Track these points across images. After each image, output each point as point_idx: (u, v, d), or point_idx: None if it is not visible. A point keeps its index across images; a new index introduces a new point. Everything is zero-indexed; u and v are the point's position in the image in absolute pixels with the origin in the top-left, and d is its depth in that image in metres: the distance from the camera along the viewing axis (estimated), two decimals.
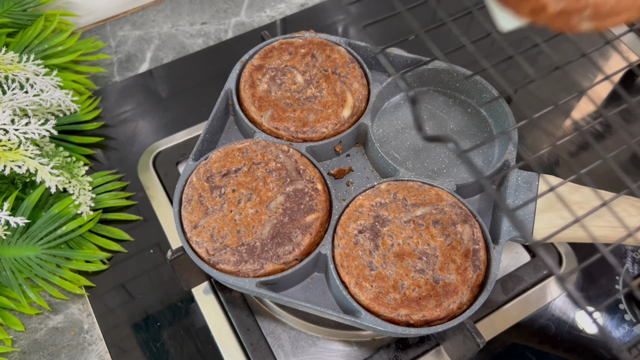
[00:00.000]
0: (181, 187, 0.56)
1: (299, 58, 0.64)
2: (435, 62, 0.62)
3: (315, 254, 0.52)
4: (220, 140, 0.63)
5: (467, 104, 0.63)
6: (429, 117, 0.63)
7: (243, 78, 0.63)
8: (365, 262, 0.51)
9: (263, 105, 0.61)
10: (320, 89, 0.61)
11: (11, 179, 0.67)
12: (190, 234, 0.53)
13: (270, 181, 0.55)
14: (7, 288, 0.63)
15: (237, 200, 0.54)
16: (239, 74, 0.64)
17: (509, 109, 0.59)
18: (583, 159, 0.75)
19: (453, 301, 0.49)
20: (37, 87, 0.64)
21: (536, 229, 0.53)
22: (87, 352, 0.62)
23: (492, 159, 0.59)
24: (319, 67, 0.63)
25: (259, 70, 0.63)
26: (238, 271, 0.52)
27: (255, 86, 0.62)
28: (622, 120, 0.79)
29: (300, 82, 0.62)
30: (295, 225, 0.53)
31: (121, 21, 0.88)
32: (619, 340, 0.62)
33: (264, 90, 0.62)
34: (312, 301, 0.53)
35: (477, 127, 0.62)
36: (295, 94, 0.61)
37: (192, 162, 0.57)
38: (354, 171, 0.61)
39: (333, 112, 0.60)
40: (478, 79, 0.61)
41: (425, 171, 0.59)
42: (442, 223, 0.53)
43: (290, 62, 0.63)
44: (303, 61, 0.63)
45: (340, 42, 0.65)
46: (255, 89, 0.62)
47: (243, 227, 0.53)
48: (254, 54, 0.65)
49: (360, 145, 0.62)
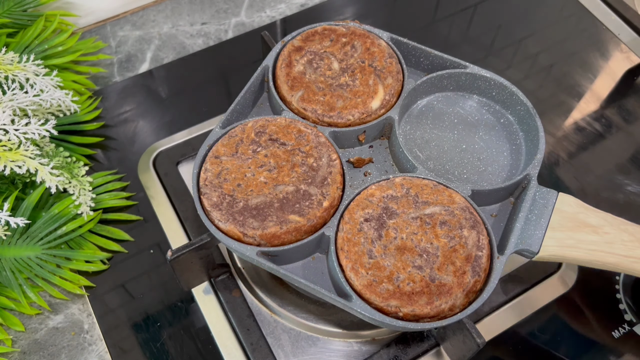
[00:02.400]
0: (204, 151, 0.57)
1: (339, 46, 0.64)
2: (473, 68, 0.62)
3: (319, 234, 0.53)
4: (251, 114, 0.64)
5: (500, 113, 0.63)
6: (459, 121, 0.63)
7: (282, 57, 0.64)
8: (365, 250, 0.52)
9: (295, 85, 0.61)
10: (354, 78, 0.62)
11: (11, 179, 0.67)
12: (208, 162, 0.56)
13: (296, 171, 0.56)
14: (7, 288, 0.63)
15: (261, 164, 0.56)
16: (278, 53, 0.64)
17: (540, 124, 0.59)
18: (583, 159, 0.75)
19: (445, 302, 0.49)
20: (37, 87, 0.64)
21: (544, 245, 0.53)
22: (87, 352, 0.62)
23: (516, 171, 0.59)
24: (356, 58, 0.63)
25: (298, 52, 0.64)
26: (209, 212, 0.54)
27: (291, 66, 0.63)
28: (622, 120, 0.79)
29: (336, 69, 0.63)
30: (278, 213, 0.53)
31: (121, 21, 0.88)
32: (619, 340, 0.62)
33: (299, 71, 0.62)
34: (309, 279, 0.53)
35: (506, 138, 0.62)
36: (328, 79, 0.62)
37: (218, 130, 0.58)
38: (374, 163, 0.61)
39: (362, 102, 0.60)
40: (515, 90, 0.61)
41: (446, 174, 0.59)
42: (449, 225, 0.53)
43: (330, 48, 0.64)
44: (342, 50, 0.64)
45: (383, 36, 0.65)
46: (291, 69, 0.63)
47: (244, 185, 0.55)
48: (296, 35, 0.65)
49: (385, 139, 0.62)
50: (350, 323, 0.62)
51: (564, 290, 0.65)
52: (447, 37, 0.88)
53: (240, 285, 0.65)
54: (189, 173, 0.73)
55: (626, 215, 0.56)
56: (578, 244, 0.53)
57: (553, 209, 0.54)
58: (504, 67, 0.84)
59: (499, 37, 0.87)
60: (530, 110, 0.60)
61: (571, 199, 0.55)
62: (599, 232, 0.53)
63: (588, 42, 0.87)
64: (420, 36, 0.87)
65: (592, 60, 0.85)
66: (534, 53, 0.85)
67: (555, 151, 0.76)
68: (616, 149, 0.76)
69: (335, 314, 0.63)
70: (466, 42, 0.87)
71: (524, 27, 0.89)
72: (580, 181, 0.73)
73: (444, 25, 0.89)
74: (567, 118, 0.79)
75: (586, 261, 0.53)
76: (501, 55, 0.85)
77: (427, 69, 0.65)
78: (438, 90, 0.65)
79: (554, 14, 0.90)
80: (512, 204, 0.58)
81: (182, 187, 0.72)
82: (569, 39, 0.87)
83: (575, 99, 0.81)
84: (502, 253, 0.52)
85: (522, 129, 0.62)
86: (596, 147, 0.77)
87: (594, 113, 0.80)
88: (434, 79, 0.63)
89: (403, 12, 0.90)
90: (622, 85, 0.82)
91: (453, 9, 0.90)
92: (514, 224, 0.54)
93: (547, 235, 0.53)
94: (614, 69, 0.84)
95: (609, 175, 0.74)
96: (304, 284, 0.52)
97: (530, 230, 0.53)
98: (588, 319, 0.64)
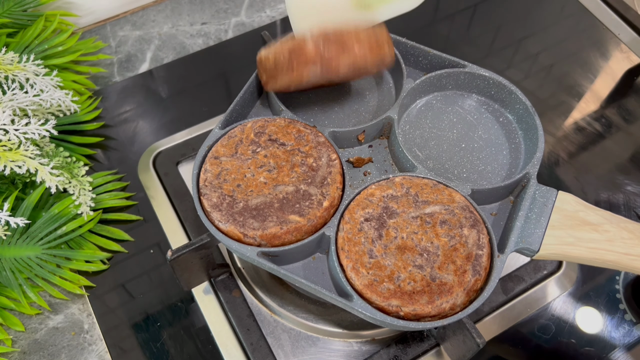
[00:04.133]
0: (204, 152, 0.57)
1: None
2: (472, 67, 0.62)
3: (319, 234, 0.53)
4: (250, 114, 0.63)
5: (499, 112, 0.63)
6: (459, 120, 0.63)
7: None
8: (365, 249, 0.52)
9: None
10: None
11: (11, 179, 0.67)
12: (208, 162, 0.56)
13: (296, 171, 0.56)
14: (7, 288, 0.63)
15: (260, 164, 0.56)
16: None
17: (539, 122, 0.59)
18: (583, 159, 0.75)
19: (446, 301, 0.49)
20: (37, 87, 0.64)
21: (544, 243, 0.53)
22: (87, 352, 0.62)
23: (515, 170, 0.59)
24: None
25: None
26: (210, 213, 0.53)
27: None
28: (622, 120, 0.79)
29: None
30: (278, 213, 0.53)
31: (121, 21, 0.88)
32: (619, 340, 0.62)
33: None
34: (310, 279, 0.53)
35: (505, 137, 0.62)
36: None
37: (217, 130, 0.58)
38: (373, 162, 0.61)
39: None
40: (513, 89, 0.61)
41: (445, 173, 0.59)
42: (449, 224, 0.53)
43: None
44: None
45: None
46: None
47: (244, 186, 0.55)
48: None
49: (384, 138, 0.62)
50: (350, 323, 0.62)
51: (564, 290, 0.65)
52: (447, 37, 0.88)
53: (240, 285, 0.65)
54: (189, 173, 0.73)
55: (626, 215, 0.56)
56: (578, 242, 0.53)
57: (553, 208, 0.54)
58: (504, 67, 0.84)
59: (499, 37, 0.87)
60: (529, 108, 0.60)
61: (571, 197, 0.55)
62: (599, 230, 0.53)
63: (588, 42, 0.87)
64: (420, 36, 0.86)
65: (592, 60, 0.85)
66: (534, 53, 0.85)
67: (555, 151, 0.76)
68: (616, 149, 0.76)
69: (336, 314, 0.63)
70: (466, 42, 0.87)
71: (524, 27, 0.89)
72: (580, 181, 0.73)
73: (444, 25, 0.89)
74: (567, 118, 0.79)
75: (586, 259, 0.53)
76: (501, 55, 0.85)
77: (426, 69, 0.65)
78: (437, 89, 0.65)
79: (554, 14, 0.90)
80: (512, 203, 0.58)
81: (182, 187, 0.72)
82: (569, 39, 0.87)
83: (575, 99, 0.81)
84: (503, 252, 0.52)
85: (521, 127, 0.62)
86: (596, 147, 0.77)
87: (594, 113, 0.80)
88: (433, 78, 0.63)
89: None
90: (622, 85, 0.82)
91: (453, 9, 0.90)
92: (514, 222, 0.54)
93: (547, 233, 0.53)
94: (614, 69, 0.84)
95: (609, 175, 0.74)
96: (305, 284, 0.52)
97: (530, 228, 0.53)
98: (588, 319, 0.64)
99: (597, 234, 0.53)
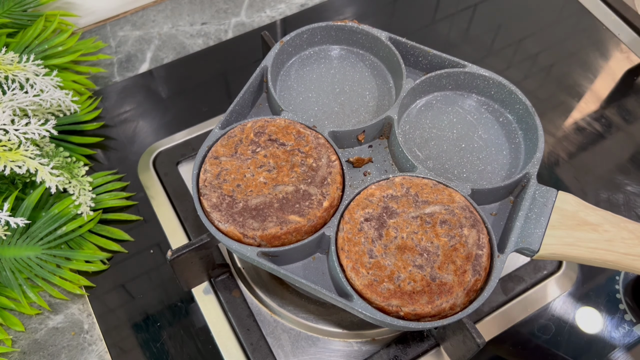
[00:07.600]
0: (204, 152, 0.57)
1: None
2: (472, 67, 0.62)
3: (319, 234, 0.53)
4: (250, 114, 0.63)
5: (499, 112, 0.63)
6: (459, 120, 0.63)
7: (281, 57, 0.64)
8: (365, 249, 0.52)
9: None
10: None
11: (11, 179, 0.67)
12: (208, 162, 0.56)
13: (295, 171, 0.56)
14: (7, 288, 0.63)
15: (260, 164, 0.56)
16: (277, 53, 0.64)
17: (539, 122, 0.59)
18: (583, 159, 0.75)
19: (446, 301, 0.49)
20: (37, 87, 0.64)
21: (545, 243, 0.53)
22: (87, 352, 0.62)
23: (515, 170, 0.59)
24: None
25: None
26: (209, 213, 0.53)
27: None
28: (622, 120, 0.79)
29: None
30: (278, 213, 0.53)
31: (121, 21, 0.88)
32: (619, 340, 0.62)
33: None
34: (310, 280, 0.53)
35: (505, 137, 0.62)
36: None
37: (217, 130, 0.58)
38: (373, 162, 0.61)
39: None
40: (513, 89, 0.61)
41: (445, 173, 0.59)
42: (449, 224, 0.53)
43: None
44: None
45: (381, 36, 0.65)
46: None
47: (244, 186, 0.55)
48: (295, 37, 0.65)
49: (384, 138, 0.62)
50: (350, 323, 0.62)
51: (564, 291, 0.65)
52: (447, 37, 0.88)
53: (240, 285, 0.65)
54: (189, 173, 0.73)
55: (626, 215, 0.56)
56: (578, 242, 0.53)
57: (553, 208, 0.54)
58: (504, 67, 0.84)
59: (499, 37, 0.87)
60: (529, 108, 0.60)
61: (571, 198, 0.55)
62: (599, 230, 0.53)
63: (588, 42, 0.87)
64: (420, 36, 0.87)
65: (592, 60, 0.85)
66: (534, 53, 0.85)
67: (555, 151, 0.76)
68: (616, 149, 0.76)
69: (336, 314, 0.63)
70: (466, 42, 0.87)
71: (524, 27, 0.89)
72: (580, 181, 0.73)
73: (444, 25, 0.89)
74: (567, 118, 0.79)
75: (586, 259, 0.53)
76: (501, 55, 0.85)
77: (425, 69, 0.65)
78: (437, 89, 0.65)
79: (554, 14, 0.90)
80: (512, 203, 0.58)
81: (182, 187, 0.72)
82: (569, 39, 0.87)
83: (575, 99, 0.81)
84: (503, 252, 0.52)
85: (521, 127, 0.62)
86: (596, 147, 0.77)
87: (594, 113, 0.80)
88: (433, 79, 0.63)
89: (403, 12, 0.90)
90: (622, 85, 0.82)
91: (453, 9, 0.90)
92: (513, 222, 0.54)
93: (547, 233, 0.53)
94: (614, 69, 0.84)
95: (609, 175, 0.74)
96: (305, 284, 0.52)
97: (530, 228, 0.53)
98: (588, 319, 0.64)
99: (597, 234, 0.53)
